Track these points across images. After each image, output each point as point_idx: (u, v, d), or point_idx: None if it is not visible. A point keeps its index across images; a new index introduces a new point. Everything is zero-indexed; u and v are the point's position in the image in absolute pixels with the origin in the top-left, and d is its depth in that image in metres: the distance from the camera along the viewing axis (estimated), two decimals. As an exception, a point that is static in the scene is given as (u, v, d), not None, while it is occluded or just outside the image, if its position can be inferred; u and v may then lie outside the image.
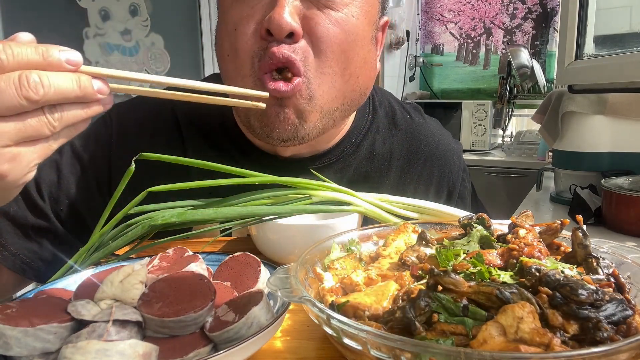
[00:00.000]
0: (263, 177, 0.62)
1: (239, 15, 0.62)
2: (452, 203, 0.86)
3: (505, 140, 3.04)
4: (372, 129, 0.82)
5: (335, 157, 0.78)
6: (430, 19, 3.42)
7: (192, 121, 0.77)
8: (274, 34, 0.58)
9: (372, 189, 0.74)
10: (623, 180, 1.23)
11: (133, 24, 2.57)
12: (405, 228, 0.56)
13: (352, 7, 0.63)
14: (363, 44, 0.66)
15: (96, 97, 0.40)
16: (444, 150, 0.86)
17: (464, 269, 0.40)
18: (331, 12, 0.62)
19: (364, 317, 0.39)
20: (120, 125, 0.77)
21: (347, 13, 0.63)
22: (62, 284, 0.52)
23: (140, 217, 0.59)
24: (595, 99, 1.41)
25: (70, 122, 0.39)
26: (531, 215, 0.52)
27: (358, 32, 0.65)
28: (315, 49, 0.61)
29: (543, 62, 3.03)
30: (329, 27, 0.61)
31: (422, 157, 0.84)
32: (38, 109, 0.37)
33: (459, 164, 0.88)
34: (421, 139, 0.84)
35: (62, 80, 0.37)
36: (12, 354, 0.36)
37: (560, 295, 0.34)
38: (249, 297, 0.43)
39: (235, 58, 0.63)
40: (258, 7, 0.61)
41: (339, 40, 0.62)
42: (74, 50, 0.38)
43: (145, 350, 0.36)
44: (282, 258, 0.63)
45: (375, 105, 0.84)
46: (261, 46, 0.61)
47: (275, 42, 0.59)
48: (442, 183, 0.85)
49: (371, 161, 0.80)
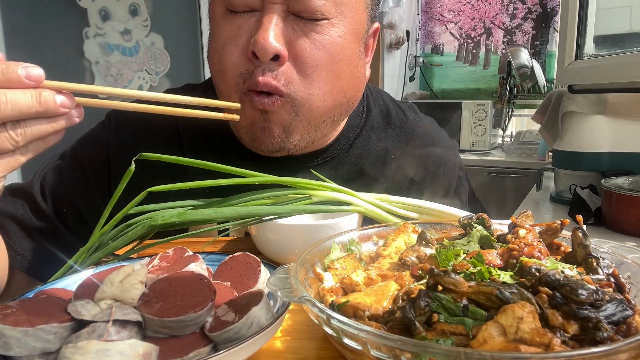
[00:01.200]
0: (263, 177, 0.62)
1: (227, 34, 0.64)
2: (448, 200, 0.86)
3: (505, 140, 3.04)
4: (366, 128, 0.82)
5: (330, 155, 0.79)
6: (430, 19, 3.42)
7: (191, 124, 0.77)
8: (259, 57, 0.60)
9: (367, 185, 0.76)
10: (623, 180, 1.23)
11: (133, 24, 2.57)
12: (405, 228, 0.56)
13: (338, 28, 0.64)
14: (350, 61, 0.67)
15: (60, 112, 0.40)
16: (439, 148, 0.87)
17: (464, 269, 0.40)
18: (316, 36, 0.63)
19: (364, 317, 0.39)
20: (118, 128, 0.78)
21: (334, 34, 0.64)
22: (62, 284, 0.52)
23: (140, 217, 0.59)
24: (595, 99, 1.41)
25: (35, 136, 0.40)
26: (531, 215, 0.52)
27: (345, 52, 0.66)
28: (301, 72, 0.63)
29: (543, 62, 3.03)
30: (314, 52, 0.63)
31: (416, 154, 0.84)
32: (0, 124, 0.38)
33: (454, 161, 0.89)
34: (415, 137, 0.85)
35: (20, 96, 0.38)
36: (12, 354, 0.36)
37: (560, 295, 0.34)
38: (249, 297, 0.43)
39: (224, 74, 0.65)
40: (245, 27, 0.63)
41: (325, 63, 0.64)
42: (35, 66, 0.39)
43: (145, 350, 0.36)
44: (282, 258, 0.63)
45: (370, 104, 0.85)
46: (247, 68, 0.63)
47: (261, 65, 0.61)
48: (437, 180, 0.86)
49: (366, 158, 0.81)
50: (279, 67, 0.62)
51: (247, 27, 0.62)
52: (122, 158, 0.72)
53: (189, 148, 0.77)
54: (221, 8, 0.65)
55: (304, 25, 0.62)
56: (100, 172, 0.76)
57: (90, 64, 2.52)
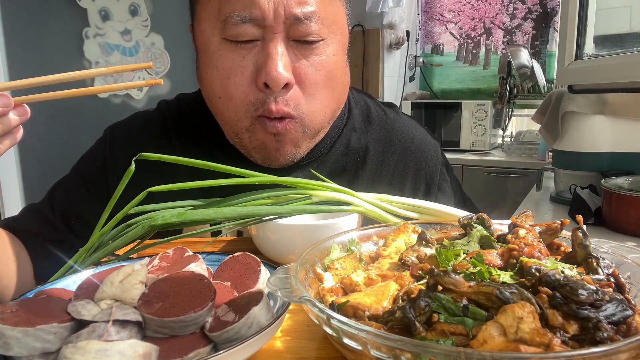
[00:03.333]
0: (263, 177, 0.62)
1: (229, 64, 0.66)
2: (432, 196, 0.89)
3: (505, 140, 3.04)
4: (347, 128, 0.85)
5: (313, 156, 0.81)
6: (430, 19, 3.42)
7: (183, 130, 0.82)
8: (272, 87, 0.65)
9: (349, 182, 0.81)
10: (623, 180, 1.23)
11: (133, 24, 2.57)
12: (405, 228, 0.56)
13: (331, 47, 0.69)
14: (342, 72, 0.73)
15: None
16: (419, 144, 0.89)
17: (463, 269, 0.40)
18: (315, 58, 0.68)
19: (364, 317, 0.39)
20: (111, 142, 0.83)
21: (329, 53, 0.69)
22: (62, 284, 0.52)
23: (140, 217, 0.59)
24: (595, 99, 1.41)
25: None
26: (531, 215, 0.52)
27: (338, 67, 0.71)
28: (305, 93, 0.69)
29: (543, 62, 3.03)
30: (315, 73, 0.68)
31: (396, 151, 0.87)
32: None
33: (436, 157, 0.91)
34: (395, 134, 0.88)
35: None
36: (12, 354, 0.36)
37: (560, 295, 0.34)
38: (249, 297, 0.43)
39: (229, 102, 0.69)
40: (249, 57, 0.66)
41: (325, 82, 0.70)
42: None
43: (145, 350, 0.36)
44: (282, 258, 0.63)
45: (351, 105, 0.89)
46: (257, 97, 0.67)
47: (272, 94, 0.66)
48: (419, 175, 0.88)
49: (347, 156, 0.84)
50: (287, 92, 0.67)
51: (252, 57, 0.66)
52: (117, 169, 0.79)
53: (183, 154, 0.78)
54: (216, 38, 0.67)
55: (304, 49, 0.67)
56: (99, 183, 0.81)
57: (90, 64, 2.52)
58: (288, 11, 0.64)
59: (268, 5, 0.63)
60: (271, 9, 0.63)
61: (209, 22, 0.67)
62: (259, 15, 0.63)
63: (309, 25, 0.65)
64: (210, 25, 0.67)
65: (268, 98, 0.66)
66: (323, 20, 0.66)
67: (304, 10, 0.64)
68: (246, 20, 0.64)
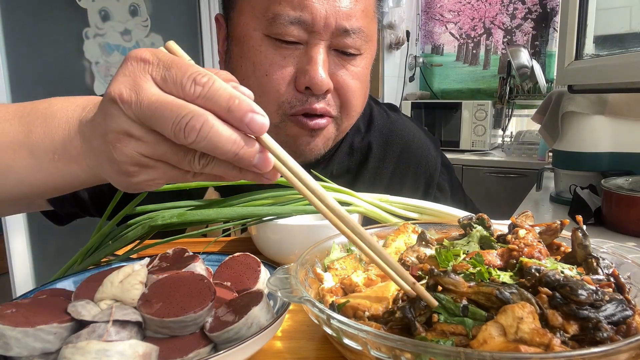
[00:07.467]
0: (263, 177, 0.62)
1: (269, 61, 0.67)
2: (431, 195, 0.91)
3: (505, 141, 3.04)
4: (352, 130, 0.87)
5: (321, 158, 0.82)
6: (430, 19, 3.42)
7: None
8: (314, 91, 0.67)
9: (352, 180, 0.83)
10: (623, 180, 1.22)
11: (133, 24, 2.57)
12: (405, 228, 0.56)
13: (366, 60, 0.73)
14: (368, 83, 0.77)
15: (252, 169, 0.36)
16: (419, 143, 0.92)
17: (463, 269, 0.40)
18: (352, 68, 0.71)
19: (363, 318, 0.39)
20: None
21: (363, 65, 0.73)
22: (62, 284, 0.52)
23: (140, 217, 0.59)
24: (595, 99, 1.40)
25: (214, 173, 0.37)
26: (531, 216, 0.52)
27: (367, 78, 0.75)
28: (342, 99, 0.72)
29: (543, 62, 3.03)
30: (352, 82, 0.71)
31: (397, 149, 0.90)
32: None
33: (436, 157, 0.93)
34: (396, 133, 0.90)
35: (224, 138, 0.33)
36: (12, 354, 0.36)
37: (560, 296, 0.34)
38: (249, 298, 0.43)
39: (261, 97, 0.68)
40: (290, 58, 0.67)
41: (359, 91, 0.73)
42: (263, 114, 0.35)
43: (145, 351, 0.36)
44: (282, 258, 0.63)
45: None
46: (294, 97, 0.68)
47: (314, 97, 0.68)
48: (418, 173, 0.91)
49: (351, 156, 0.87)
50: (325, 97, 0.70)
51: (293, 59, 0.67)
52: None
53: None
54: (258, 33, 0.67)
55: (343, 59, 0.70)
56: None
57: (90, 64, 2.52)
58: (339, 23, 0.66)
59: (320, 13, 0.64)
60: (322, 16, 0.65)
61: (253, 16, 0.67)
62: (308, 20, 0.64)
63: (354, 39, 0.68)
64: (254, 20, 0.67)
65: (309, 99, 0.68)
66: (365, 36, 0.69)
67: (352, 25, 0.67)
68: (295, 22, 0.64)
